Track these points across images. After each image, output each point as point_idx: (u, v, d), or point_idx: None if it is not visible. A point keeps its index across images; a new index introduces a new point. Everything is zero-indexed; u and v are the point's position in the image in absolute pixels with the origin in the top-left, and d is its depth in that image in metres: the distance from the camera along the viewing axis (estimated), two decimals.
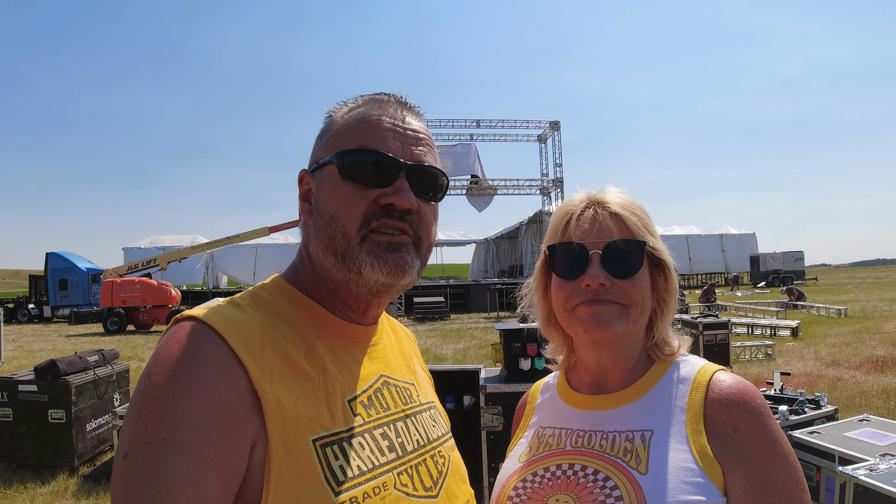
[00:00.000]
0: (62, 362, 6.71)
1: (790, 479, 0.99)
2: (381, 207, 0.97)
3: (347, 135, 1.00)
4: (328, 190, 0.99)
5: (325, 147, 1.03)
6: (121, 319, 24.58)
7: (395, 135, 1.00)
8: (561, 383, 1.26)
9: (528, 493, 1.09)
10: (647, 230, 1.13)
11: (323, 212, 0.99)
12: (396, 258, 0.97)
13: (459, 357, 13.78)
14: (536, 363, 4.54)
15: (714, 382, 1.07)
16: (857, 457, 3.78)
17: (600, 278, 1.08)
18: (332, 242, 0.97)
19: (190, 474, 0.75)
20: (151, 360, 0.84)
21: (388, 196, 0.96)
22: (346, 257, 0.96)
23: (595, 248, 1.10)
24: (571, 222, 1.13)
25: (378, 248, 0.96)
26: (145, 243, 43.31)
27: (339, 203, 0.97)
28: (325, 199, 0.99)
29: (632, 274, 1.09)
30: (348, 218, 0.96)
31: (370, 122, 1.01)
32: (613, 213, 1.12)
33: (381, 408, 1.01)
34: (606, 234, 1.10)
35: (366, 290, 0.99)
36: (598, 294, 1.09)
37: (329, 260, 0.98)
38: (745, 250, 48.53)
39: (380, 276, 0.96)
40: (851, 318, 19.23)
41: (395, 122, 1.01)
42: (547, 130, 34.81)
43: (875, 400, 8.36)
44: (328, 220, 0.98)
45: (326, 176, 1.00)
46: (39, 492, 5.96)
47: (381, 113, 1.02)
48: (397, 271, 0.97)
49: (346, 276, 0.98)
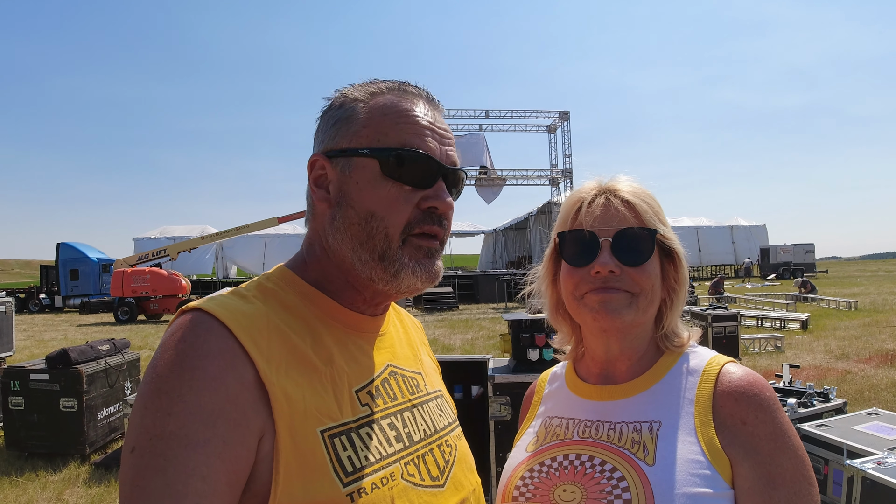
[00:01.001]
0: (74, 351, 6.77)
1: (798, 473, 0.99)
2: (422, 211, 0.97)
3: (386, 129, 0.98)
4: (366, 185, 0.97)
5: (353, 136, 0.99)
6: (131, 309, 24.76)
7: (433, 135, 0.99)
8: (569, 373, 1.26)
9: (536, 483, 1.09)
10: (658, 218, 1.12)
11: (357, 206, 0.97)
12: (434, 265, 1.00)
13: (467, 347, 13.80)
14: (545, 354, 4.54)
15: (723, 374, 1.07)
16: (866, 450, 3.77)
17: (610, 265, 1.07)
18: (370, 240, 0.96)
19: (197, 468, 0.75)
20: (157, 353, 0.84)
21: (431, 199, 0.97)
22: (384, 258, 0.96)
23: (605, 236, 1.09)
24: (582, 209, 1.13)
25: (419, 253, 0.98)
26: (155, 233, 43.61)
27: (381, 202, 0.96)
28: (362, 194, 0.97)
29: (642, 262, 1.09)
30: (392, 219, 0.96)
31: (408, 118, 0.99)
32: (625, 201, 1.11)
33: (389, 398, 1.01)
34: (617, 221, 1.10)
35: (394, 291, 0.99)
36: (607, 281, 1.08)
37: (362, 256, 0.97)
38: (755, 242, 48.31)
39: (417, 281, 0.98)
40: (861, 311, 19.11)
41: (432, 122, 1.00)
42: (556, 121, 34.66)
43: (884, 394, 8.32)
44: (367, 217, 0.96)
45: (361, 169, 0.97)
46: (51, 479, 6.03)
47: (415, 107, 1.00)
48: (433, 278, 1.00)
49: (380, 276, 0.97)
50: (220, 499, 0.77)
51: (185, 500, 0.74)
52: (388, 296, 1.03)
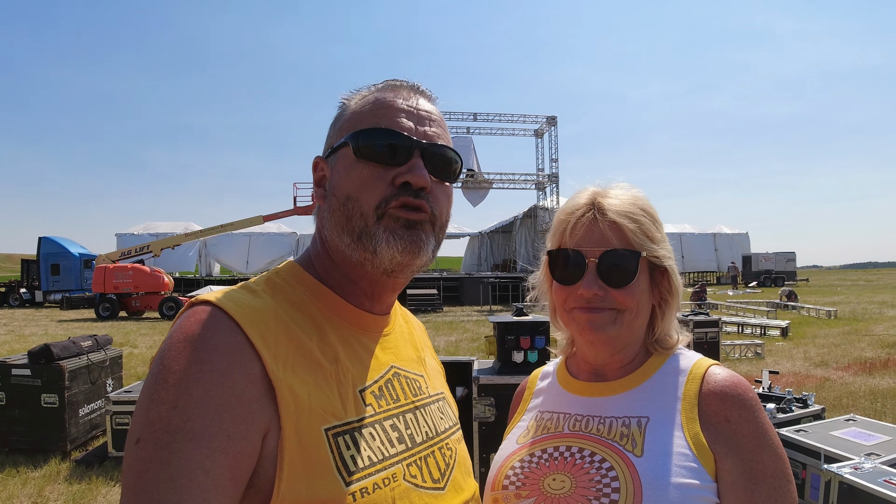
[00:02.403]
0: (56, 347, 6.71)
1: (778, 470, 1.03)
2: (397, 188, 0.97)
3: (361, 117, 1.01)
4: (343, 171, 1.00)
5: (338, 132, 1.04)
6: (113, 305, 24.44)
7: (408, 115, 1.01)
8: (560, 370, 1.30)
9: (526, 473, 1.13)
10: (646, 237, 1.14)
11: (338, 193, 1.00)
12: (412, 235, 0.97)
13: (452, 349, 13.81)
14: (529, 356, 4.58)
15: (709, 375, 1.12)
16: (843, 455, 3.84)
17: (594, 289, 1.11)
18: (348, 223, 0.97)
19: (202, 462, 0.75)
20: (165, 345, 0.84)
21: (404, 175, 0.97)
22: (362, 236, 0.96)
23: (591, 257, 1.12)
24: (568, 228, 1.16)
25: (396, 223, 0.96)
26: (138, 229, 43.13)
27: (354, 183, 0.98)
28: (341, 180, 1.00)
29: (626, 283, 1.12)
30: (366, 198, 0.96)
31: (383, 104, 1.01)
32: (611, 221, 1.13)
33: (392, 399, 1.02)
34: (603, 242, 1.13)
35: (381, 271, 0.99)
36: (591, 302, 1.12)
37: (345, 240, 0.98)
38: (737, 249, 48.64)
39: (395, 252, 0.96)
40: (841, 319, 19.34)
41: (408, 104, 1.02)
42: (544, 125, 34.74)
43: (862, 401, 8.44)
44: (344, 201, 0.98)
45: (341, 158, 1.01)
46: (32, 476, 5.97)
47: (395, 96, 1.03)
48: (412, 248, 0.97)
49: (362, 256, 0.97)
50: (223, 493, 0.77)
51: (188, 494, 0.74)
52: (379, 281, 1.03)
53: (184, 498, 0.73)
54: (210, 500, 0.75)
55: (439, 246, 1.04)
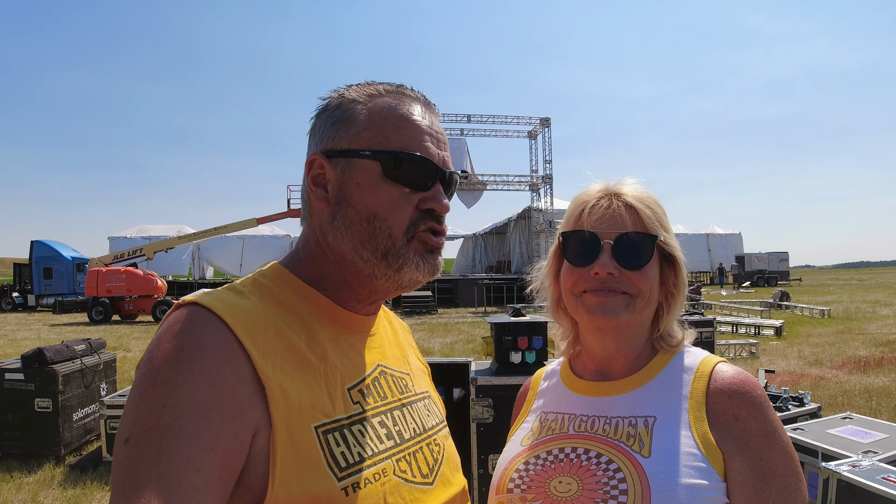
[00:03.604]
0: (49, 351, 6.66)
1: (788, 468, 1.02)
2: (422, 212, 1.01)
3: (387, 132, 1.00)
4: (368, 187, 0.99)
5: (354, 137, 1.01)
6: (106, 309, 24.36)
7: (432, 140, 1.03)
8: (564, 370, 1.29)
9: (531, 475, 1.12)
10: (660, 224, 1.15)
11: (359, 207, 0.99)
12: (436, 260, 1.03)
13: (447, 351, 13.80)
14: (527, 356, 4.57)
15: (716, 373, 1.11)
16: (841, 453, 3.84)
17: (609, 267, 1.10)
18: (372, 240, 0.99)
19: (191, 460, 0.76)
20: (153, 345, 0.84)
21: (430, 202, 1.01)
22: (388, 255, 0.99)
23: (607, 238, 1.12)
24: (585, 211, 1.16)
25: (423, 248, 1.01)
26: (131, 233, 42.90)
27: (383, 203, 0.99)
28: (364, 195, 0.99)
29: (641, 266, 1.12)
30: (395, 220, 0.99)
31: (409, 123, 1.02)
32: (628, 205, 1.14)
33: (379, 396, 1.03)
34: (619, 225, 1.13)
35: (395, 286, 1.03)
36: (605, 283, 1.11)
37: (363, 255, 0.99)
38: (730, 250, 48.84)
39: (419, 275, 1.01)
40: (835, 318, 19.42)
41: (430, 126, 1.04)
42: (537, 127, 34.78)
43: (857, 399, 8.48)
44: (369, 218, 0.98)
45: (362, 170, 0.99)
46: (25, 481, 5.93)
47: (415, 113, 1.03)
48: (433, 270, 1.03)
49: (383, 272, 1.00)
50: (212, 491, 0.77)
51: (177, 492, 0.74)
52: (387, 292, 1.06)
53: (173, 496, 0.73)
54: (199, 499, 0.75)
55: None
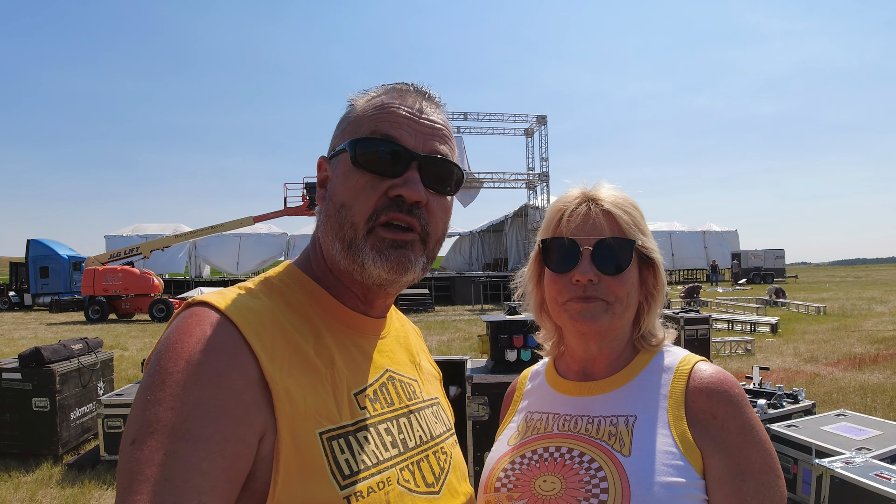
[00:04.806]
0: (46, 350, 6.67)
1: (765, 465, 1.04)
2: (390, 199, 0.96)
3: (363, 122, 1.00)
4: (341, 177, 0.99)
5: (341, 134, 1.03)
6: (102, 308, 24.28)
7: (410, 124, 0.99)
8: (549, 370, 1.30)
9: (517, 475, 1.14)
10: (637, 228, 1.16)
11: (335, 199, 0.99)
12: (399, 255, 0.97)
13: (444, 349, 13.81)
14: (522, 354, 4.60)
15: (695, 372, 1.13)
16: (834, 450, 3.87)
17: (589, 274, 1.12)
18: (340, 230, 0.97)
19: (198, 463, 0.75)
20: (161, 345, 0.83)
21: (398, 187, 0.96)
22: (351, 247, 0.96)
23: (586, 245, 1.13)
24: (564, 217, 1.17)
25: (382, 243, 0.96)
26: (128, 231, 42.82)
27: (350, 192, 0.97)
28: (338, 186, 1.00)
29: (620, 271, 1.14)
30: (358, 208, 0.96)
31: (386, 110, 1.00)
32: (605, 211, 1.15)
33: (386, 403, 1.02)
34: (598, 231, 1.14)
35: (370, 282, 1.00)
36: (586, 290, 1.13)
37: (336, 247, 0.98)
38: (727, 247, 48.86)
39: (381, 271, 0.96)
40: (830, 315, 19.47)
41: (411, 112, 1.00)
42: (534, 124, 34.77)
43: (852, 396, 8.52)
44: (339, 208, 0.98)
45: (340, 163, 1.00)
46: (24, 480, 5.94)
47: (400, 102, 1.01)
48: (399, 268, 0.97)
49: (351, 266, 0.98)
50: (219, 495, 0.76)
51: (184, 496, 0.73)
52: (369, 289, 1.03)
53: (179, 500, 0.73)
54: (206, 502, 0.74)
55: (432, 262, 1.04)
